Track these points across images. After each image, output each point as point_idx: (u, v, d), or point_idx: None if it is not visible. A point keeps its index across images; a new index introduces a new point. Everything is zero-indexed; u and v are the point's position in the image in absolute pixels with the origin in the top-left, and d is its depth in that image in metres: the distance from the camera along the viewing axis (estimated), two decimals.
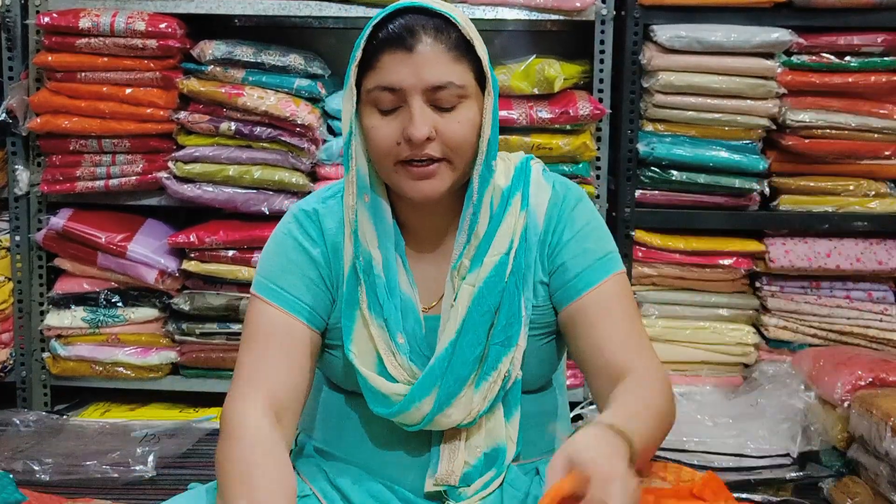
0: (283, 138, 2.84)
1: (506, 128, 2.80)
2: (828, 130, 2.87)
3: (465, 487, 1.46)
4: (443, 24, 1.39)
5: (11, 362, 3.03)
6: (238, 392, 1.42)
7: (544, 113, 2.82)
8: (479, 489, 1.46)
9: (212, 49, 2.85)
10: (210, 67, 2.86)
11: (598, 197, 2.92)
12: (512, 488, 1.47)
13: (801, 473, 2.43)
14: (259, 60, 2.86)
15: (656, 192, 2.95)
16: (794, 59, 2.85)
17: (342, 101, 1.45)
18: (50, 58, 2.85)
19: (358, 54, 1.39)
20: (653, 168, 2.92)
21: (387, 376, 1.46)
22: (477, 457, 1.47)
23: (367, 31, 1.39)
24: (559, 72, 2.83)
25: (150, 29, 2.81)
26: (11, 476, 2.14)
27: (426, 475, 1.48)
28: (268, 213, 2.88)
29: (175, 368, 3.04)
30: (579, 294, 1.47)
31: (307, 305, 1.47)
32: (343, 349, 1.47)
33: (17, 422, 2.85)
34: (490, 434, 1.48)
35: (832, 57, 2.85)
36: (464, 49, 1.39)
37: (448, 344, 1.43)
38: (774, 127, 2.90)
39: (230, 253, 2.90)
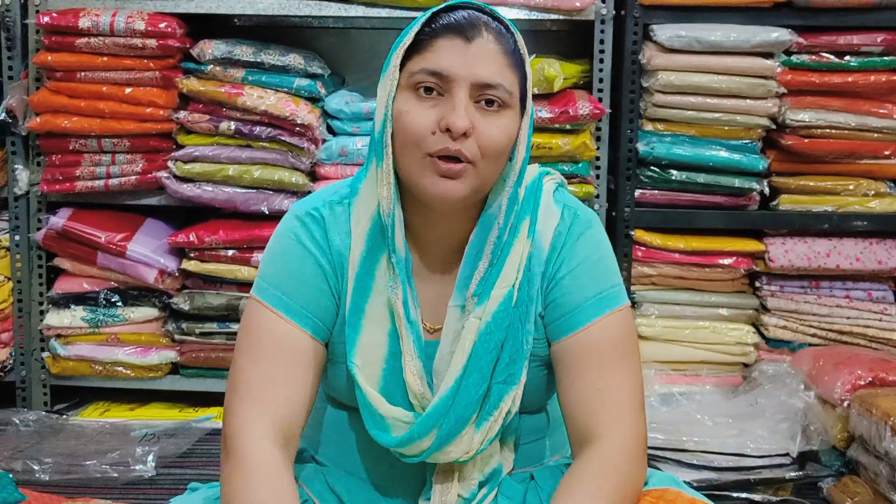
0: (282, 138, 2.84)
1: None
2: (827, 130, 2.87)
3: None
4: (504, 29, 1.35)
5: (11, 362, 3.03)
6: (245, 412, 1.34)
7: (544, 112, 2.81)
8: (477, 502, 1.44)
9: (211, 49, 2.84)
10: (210, 67, 2.85)
11: (597, 196, 2.91)
12: (506, 498, 1.45)
13: (801, 473, 2.42)
14: (259, 60, 2.85)
15: (656, 191, 2.94)
16: (794, 58, 2.84)
17: (379, 90, 1.37)
18: (49, 57, 2.84)
19: (408, 39, 1.34)
20: (652, 167, 2.91)
21: (388, 398, 1.39)
22: (471, 489, 1.43)
23: (424, 17, 1.34)
24: (559, 71, 2.82)
25: (149, 28, 2.81)
26: (11, 476, 2.14)
27: (419, 498, 1.45)
28: (267, 212, 2.87)
29: (175, 368, 3.03)
30: (566, 334, 1.40)
31: (314, 317, 1.40)
32: (345, 363, 1.40)
33: (17, 421, 2.85)
34: (485, 463, 1.44)
35: (832, 56, 2.84)
36: (517, 60, 1.36)
37: (454, 382, 1.36)
38: (774, 126, 2.90)
39: (230, 252, 2.90)
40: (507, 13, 2.84)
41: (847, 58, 2.84)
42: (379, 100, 1.37)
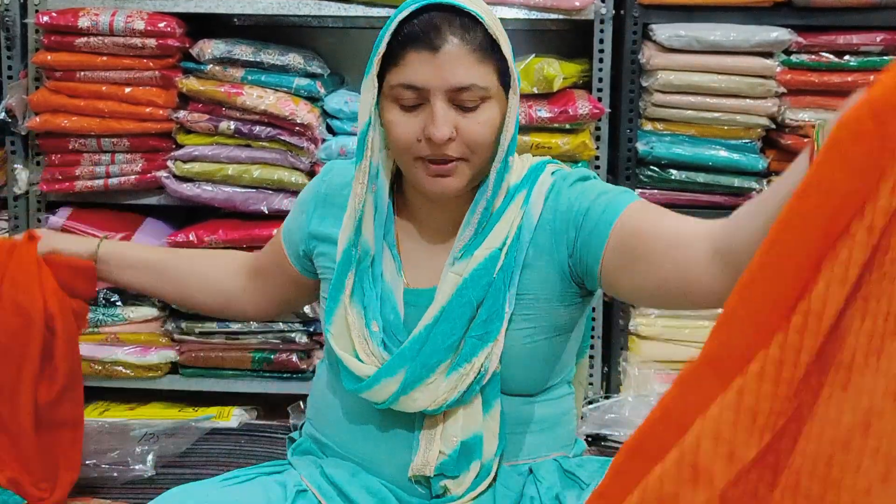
0: (282, 137, 2.81)
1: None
2: None
3: (448, 480, 1.45)
4: (469, 23, 1.37)
5: None
6: None
7: (543, 112, 2.78)
8: (469, 489, 1.45)
9: (211, 48, 2.81)
10: (209, 66, 2.82)
11: None
12: (504, 488, 1.45)
13: None
14: (258, 59, 2.82)
15: (655, 190, 2.90)
16: (794, 58, 2.81)
17: (362, 90, 1.46)
18: (49, 57, 2.81)
19: (382, 48, 1.40)
20: (652, 167, 2.88)
21: (359, 360, 1.47)
22: (452, 447, 1.45)
23: (392, 25, 1.39)
24: (558, 71, 2.79)
25: (149, 28, 2.78)
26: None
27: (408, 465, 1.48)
28: (267, 212, 2.85)
29: (174, 367, 3.00)
30: (610, 226, 1.40)
31: (290, 241, 1.69)
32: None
33: None
34: (467, 425, 1.46)
35: (831, 56, 2.81)
36: (489, 49, 1.39)
37: (423, 328, 1.43)
38: (774, 126, 2.86)
39: None
40: (506, 13, 2.82)
41: (846, 57, 2.81)
42: (363, 102, 1.46)
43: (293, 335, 2.89)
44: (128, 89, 2.83)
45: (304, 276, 1.70)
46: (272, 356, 2.91)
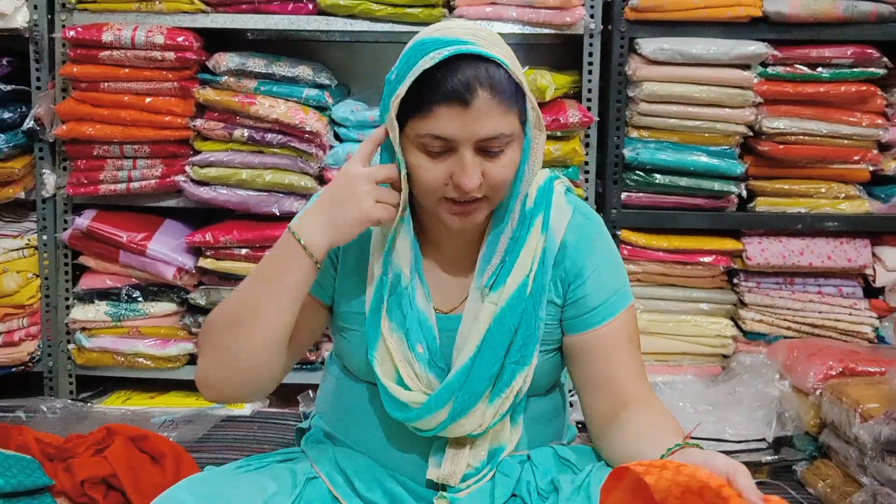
0: (292, 144, 2.84)
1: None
2: (801, 137, 2.87)
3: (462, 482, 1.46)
4: (495, 72, 1.31)
5: (39, 353, 3.03)
6: None
7: None
8: (475, 480, 1.46)
9: (226, 61, 2.84)
10: (224, 78, 2.85)
11: (586, 199, 2.92)
12: (503, 476, 1.46)
13: (777, 457, 2.42)
14: (270, 71, 2.86)
15: (641, 194, 2.94)
16: (770, 70, 2.85)
17: (386, 129, 1.39)
18: (75, 69, 2.85)
19: (401, 91, 1.32)
20: (638, 172, 2.91)
21: (404, 386, 1.44)
22: (481, 459, 1.45)
23: (417, 72, 1.30)
24: (550, 82, 2.82)
25: (168, 42, 2.81)
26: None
27: (428, 466, 1.47)
28: (278, 213, 2.88)
29: (192, 359, 3.03)
30: (593, 327, 1.46)
31: (326, 286, 1.52)
32: (359, 337, 1.47)
33: (45, 409, 2.85)
34: (495, 438, 1.47)
35: (805, 68, 2.84)
36: (513, 96, 1.34)
37: (468, 359, 1.41)
38: (751, 133, 2.90)
39: (243, 251, 2.90)
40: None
41: (819, 69, 2.84)
42: (390, 140, 1.38)
43: None
44: (148, 99, 2.86)
45: (326, 306, 1.55)
46: None
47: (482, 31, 1.37)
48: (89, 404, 2.95)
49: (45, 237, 3.01)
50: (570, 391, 1.72)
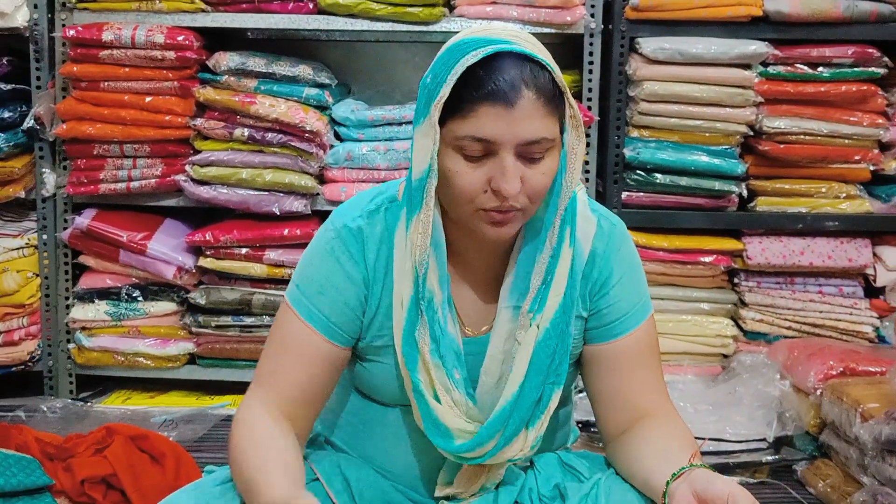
0: (292, 143, 2.84)
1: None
2: (801, 136, 2.87)
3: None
4: (539, 73, 1.24)
5: (39, 352, 3.03)
6: (252, 393, 1.38)
7: None
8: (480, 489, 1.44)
9: (226, 60, 2.84)
10: (225, 77, 2.85)
11: None
12: (507, 483, 1.44)
13: (777, 457, 2.42)
14: (270, 71, 2.85)
15: (641, 193, 2.94)
16: (770, 69, 2.84)
17: (417, 134, 1.29)
18: (75, 68, 2.85)
19: (444, 93, 1.24)
20: (638, 171, 2.91)
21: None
22: (496, 480, 1.42)
23: (460, 70, 1.23)
24: None
25: (168, 41, 2.81)
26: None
27: (437, 482, 1.44)
28: (278, 213, 2.88)
29: (192, 358, 3.03)
30: (615, 337, 1.41)
31: (335, 324, 1.38)
32: (387, 369, 1.40)
33: (45, 408, 2.85)
34: (512, 457, 1.41)
35: (805, 67, 2.84)
36: (555, 100, 1.26)
37: (517, 387, 1.35)
38: (752, 133, 2.90)
39: (243, 250, 2.90)
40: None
41: (820, 69, 2.84)
42: (421, 148, 1.29)
43: None
44: (148, 98, 2.86)
45: (348, 349, 1.44)
46: None
47: (523, 34, 1.31)
48: (89, 404, 2.94)
49: (45, 236, 3.01)
50: (578, 391, 1.70)
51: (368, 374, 1.44)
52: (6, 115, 2.89)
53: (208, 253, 2.93)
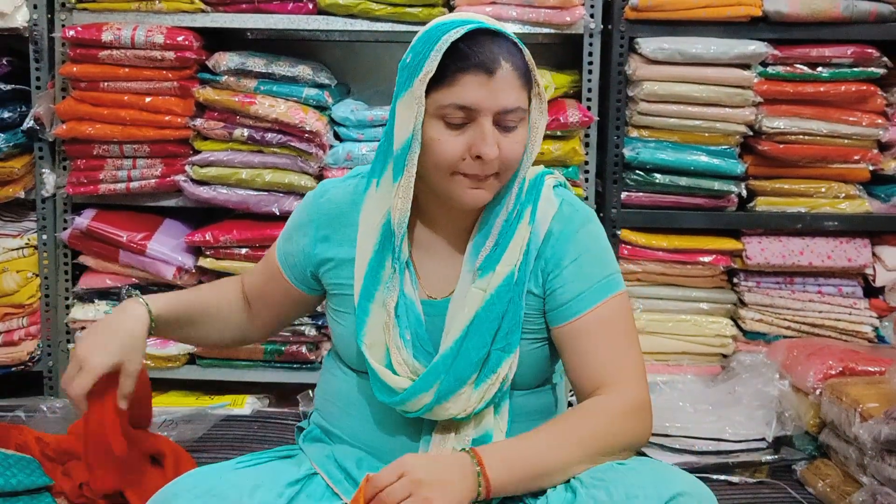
0: (292, 144, 2.84)
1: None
2: (801, 136, 2.87)
3: None
4: (514, 49, 1.40)
5: (39, 353, 3.03)
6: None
7: None
8: None
9: (226, 60, 2.84)
10: (224, 77, 2.85)
11: (586, 199, 2.91)
12: None
13: (776, 456, 2.42)
14: (270, 71, 2.86)
15: (641, 193, 2.94)
16: (770, 69, 2.84)
17: (399, 107, 1.42)
18: (75, 68, 2.85)
19: (430, 68, 1.37)
20: (637, 171, 2.91)
21: (392, 371, 1.46)
22: (465, 444, 1.46)
23: (440, 45, 1.37)
24: (550, 81, 2.82)
25: (168, 42, 2.81)
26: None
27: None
28: (278, 213, 2.88)
29: (192, 358, 3.03)
30: (572, 317, 1.47)
31: (291, 266, 1.64)
32: (352, 320, 1.50)
33: (44, 408, 2.84)
34: (479, 425, 1.48)
35: (805, 68, 2.84)
36: (526, 76, 1.41)
37: (453, 343, 1.44)
38: (751, 133, 2.90)
39: (243, 251, 2.90)
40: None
41: (819, 69, 2.84)
42: (403, 120, 1.40)
43: (303, 328, 2.92)
44: (148, 99, 2.86)
45: (310, 294, 1.67)
46: (283, 348, 2.95)
47: (491, 19, 1.43)
48: None
49: (44, 237, 3.01)
50: (570, 392, 1.71)
51: (341, 332, 1.57)
52: (6, 115, 2.89)
53: (208, 253, 2.93)
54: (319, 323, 2.91)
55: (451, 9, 2.87)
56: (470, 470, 1.32)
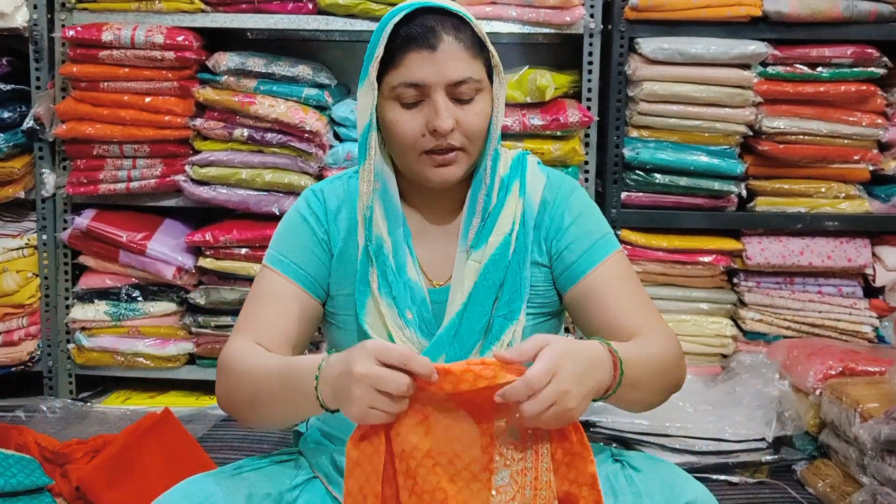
0: (292, 144, 2.84)
1: (500, 134, 2.80)
2: (801, 136, 2.87)
3: None
4: (459, 24, 1.41)
5: (39, 353, 3.03)
6: (235, 337, 1.47)
7: (536, 120, 2.81)
8: None
9: (226, 60, 2.84)
10: (224, 77, 2.86)
11: None
12: None
13: (776, 457, 2.42)
14: (270, 71, 2.86)
15: (641, 193, 2.94)
16: (770, 69, 2.85)
17: (359, 96, 1.47)
18: (75, 68, 2.85)
19: (379, 52, 1.42)
20: (637, 171, 2.91)
21: None
22: None
23: (388, 30, 1.41)
24: (550, 81, 2.82)
25: (168, 41, 2.81)
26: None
27: None
28: (278, 213, 2.87)
29: (192, 358, 3.03)
30: (584, 274, 1.48)
31: (305, 272, 1.50)
32: (353, 319, 1.50)
33: (45, 408, 2.85)
34: None
35: (805, 68, 2.84)
36: (478, 47, 1.43)
37: (455, 314, 1.45)
38: (751, 133, 2.90)
39: (243, 251, 2.90)
40: (502, 27, 2.85)
41: (819, 69, 2.84)
42: (362, 107, 1.46)
43: None
44: (148, 99, 2.86)
45: (320, 302, 1.55)
46: None
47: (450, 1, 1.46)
48: (89, 404, 2.95)
49: (44, 237, 3.01)
50: None
51: (340, 333, 1.55)
52: (6, 115, 2.89)
53: (208, 253, 2.93)
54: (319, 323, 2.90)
55: None
56: (606, 361, 1.28)
